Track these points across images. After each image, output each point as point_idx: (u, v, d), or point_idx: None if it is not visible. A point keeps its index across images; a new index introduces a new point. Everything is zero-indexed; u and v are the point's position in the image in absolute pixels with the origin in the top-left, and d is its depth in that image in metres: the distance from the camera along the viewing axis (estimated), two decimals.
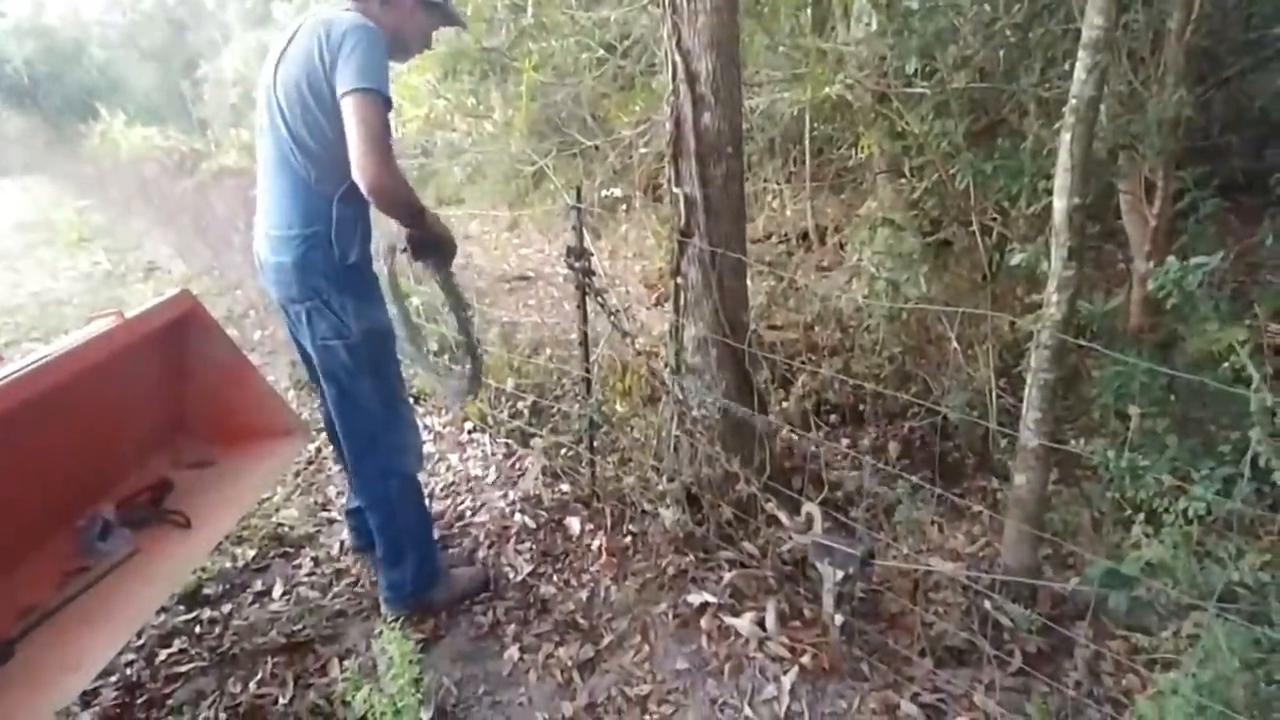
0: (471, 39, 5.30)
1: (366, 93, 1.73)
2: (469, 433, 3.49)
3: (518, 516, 2.80)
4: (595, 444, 2.79)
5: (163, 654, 2.27)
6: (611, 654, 2.17)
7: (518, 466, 3.17)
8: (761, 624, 2.16)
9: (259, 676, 2.16)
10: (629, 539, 2.60)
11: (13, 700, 1.67)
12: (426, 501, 2.44)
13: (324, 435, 3.45)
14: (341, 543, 2.74)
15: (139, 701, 2.11)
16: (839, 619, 1.96)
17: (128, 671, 2.21)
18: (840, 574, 1.89)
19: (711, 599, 2.28)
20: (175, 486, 2.40)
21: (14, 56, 19.43)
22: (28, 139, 21.38)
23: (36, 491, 2.09)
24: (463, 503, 2.97)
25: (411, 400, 3.86)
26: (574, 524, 2.72)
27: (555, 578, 2.49)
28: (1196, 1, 2.51)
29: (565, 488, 2.94)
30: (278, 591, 2.53)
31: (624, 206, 6.41)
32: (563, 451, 3.05)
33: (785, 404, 3.13)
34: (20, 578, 2.01)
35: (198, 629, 2.38)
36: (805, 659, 2.04)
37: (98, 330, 2.01)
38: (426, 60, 5.38)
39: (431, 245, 2.05)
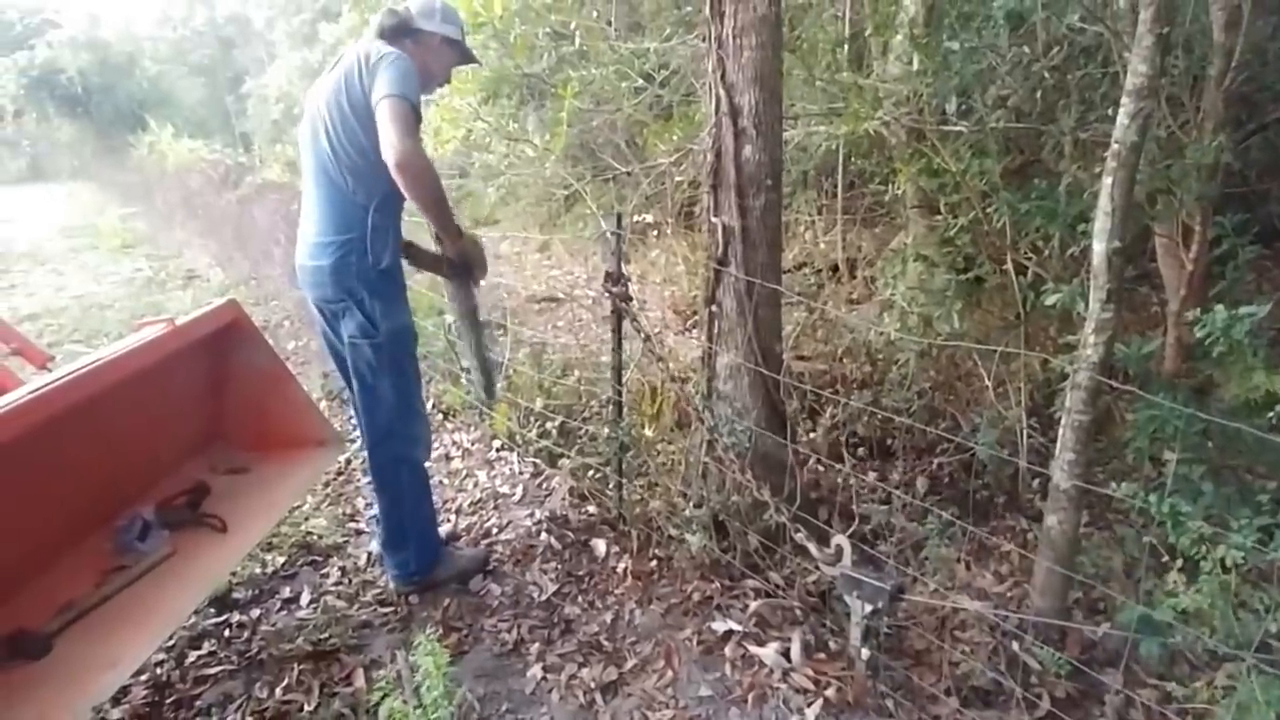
0: (512, 64, 5.43)
1: (397, 98, 1.95)
2: (497, 450, 3.52)
3: (543, 536, 2.82)
4: (624, 467, 2.81)
5: (192, 655, 2.31)
6: (634, 677, 2.17)
7: (545, 486, 3.20)
8: (786, 654, 2.15)
9: (285, 682, 2.19)
10: (655, 563, 2.61)
11: (50, 695, 1.71)
12: (431, 491, 2.61)
13: (355, 446, 3.51)
14: (369, 554, 2.78)
15: (168, 701, 2.14)
16: (865, 653, 1.95)
17: (158, 671, 2.24)
18: (869, 608, 1.89)
19: (736, 627, 2.28)
20: (211, 491, 2.46)
21: (69, 67, 20.05)
22: (78, 147, 22.03)
23: (81, 490, 2.15)
24: (489, 519, 3.00)
25: (441, 413, 3.93)
26: (600, 546, 2.73)
27: (580, 598, 2.51)
28: (1236, 48, 2.53)
29: (592, 509, 2.96)
30: (305, 599, 2.57)
31: (654, 232, 6.47)
32: (590, 473, 3.07)
33: (813, 435, 3.13)
34: (60, 574, 2.06)
35: (227, 633, 2.41)
36: (830, 692, 2.03)
37: (148, 336, 2.08)
38: (469, 83, 5.51)
39: (464, 260, 2.31)
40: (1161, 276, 3.05)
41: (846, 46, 4.05)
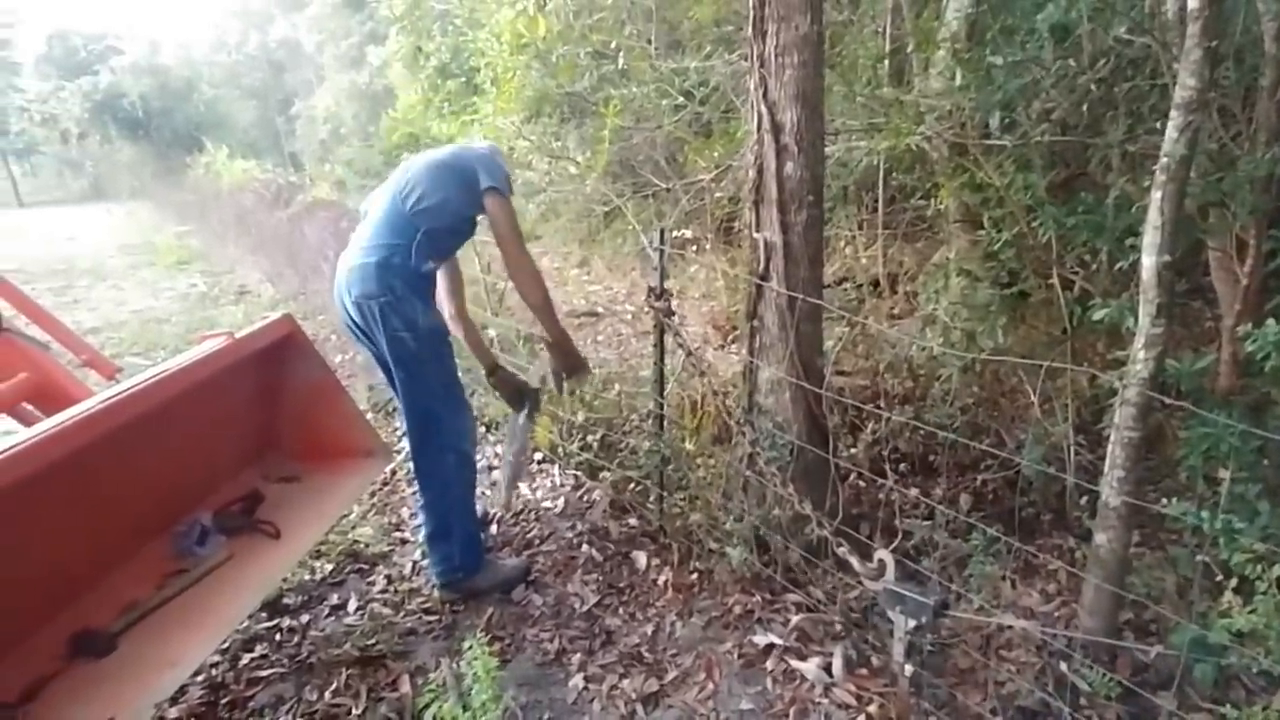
0: (554, 84, 5.53)
1: (500, 192, 2.35)
2: (539, 463, 3.57)
3: (585, 547, 2.85)
4: (664, 480, 2.83)
5: (245, 658, 2.39)
6: (675, 689, 2.18)
7: (586, 498, 3.23)
8: (828, 669, 2.15)
9: (334, 686, 2.25)
10: (695, 576, 2.62)
11: (115, 691, 1.78)
12: (475, 489, 2.71)
13: (400, 457, 3.59)
14: (414, 563, 2.84)
15: (223, 702, 2.22)
16: (908, 669, 1.93)
17: (213, 672, 2.32)
18: (912, 624, 1.87)
19: (777, 641, 2.28)
20: (265, 499, 2.54)
21: (130, 91, 20.96)
22: (137, 168, 22.91)
23: (144, 496, 2.24)
24: (531, 530, 3.04)
25: (484, 426, 3.99)
26: (640, 558, 2.75)
27: (621, 610, 2.53)
28: None
29: (633, 522, 2.98)
30: (352, 606, 2.63)
31: (694, 248, 6.51)
32: (631, 486, 3.09)
33: (854, 450, 3.11)
34: (124, 576, 2.15)
35: (278, 636, 2.49)
36: (872, 708, 2.01)
37: (210, 349, 2.17)
38: (512, 103, 5.64)
39: (572, 358, 2.63)
40: (1216, 291, 2.98)
41: (887, 62, 4.06)
